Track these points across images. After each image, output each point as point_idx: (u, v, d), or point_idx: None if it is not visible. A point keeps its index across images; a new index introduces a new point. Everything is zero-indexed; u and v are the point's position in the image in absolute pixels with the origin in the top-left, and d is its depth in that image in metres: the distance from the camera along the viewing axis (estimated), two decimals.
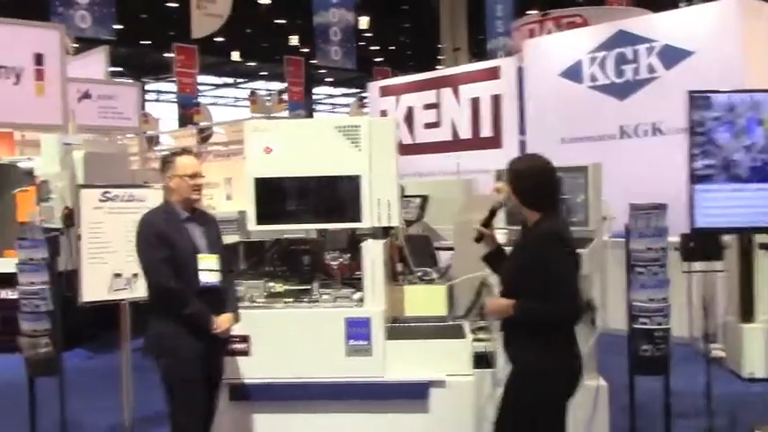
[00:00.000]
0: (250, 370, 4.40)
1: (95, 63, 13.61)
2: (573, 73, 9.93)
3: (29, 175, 8.43)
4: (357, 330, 4.31)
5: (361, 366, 4.33)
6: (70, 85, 10.62)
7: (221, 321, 4.00)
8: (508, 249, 3.63)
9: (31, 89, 9.82)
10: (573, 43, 10.16)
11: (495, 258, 3.59)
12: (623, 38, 9.44)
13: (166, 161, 4.17)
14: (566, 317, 3.22)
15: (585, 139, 9.66)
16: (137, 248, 4.04)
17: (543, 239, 3.22)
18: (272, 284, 4.82)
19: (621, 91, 9.44)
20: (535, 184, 3.33)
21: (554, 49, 10.43)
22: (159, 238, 3.96)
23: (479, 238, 3.58)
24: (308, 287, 4.72)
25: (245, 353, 4.39)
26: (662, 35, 9.06)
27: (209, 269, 4.02)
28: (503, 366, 3.98)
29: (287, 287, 4.81)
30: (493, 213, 3.58)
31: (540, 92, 10.38)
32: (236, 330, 4.23)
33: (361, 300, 4.45)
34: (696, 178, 4.90)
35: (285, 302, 4.56)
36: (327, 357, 4.34)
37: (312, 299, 4.58)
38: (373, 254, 4.39)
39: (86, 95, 12.24)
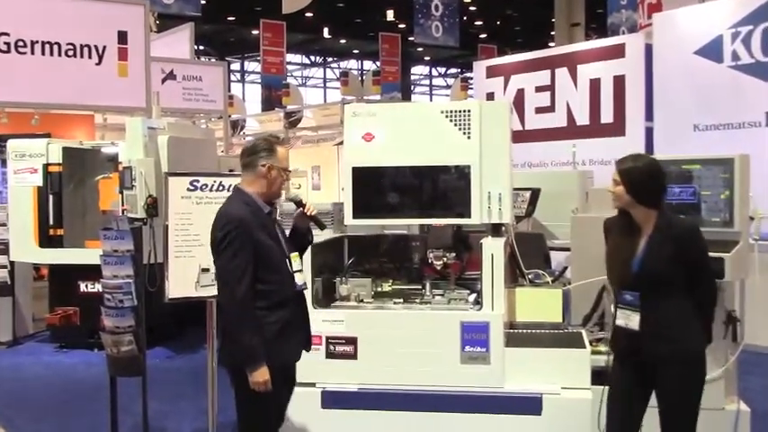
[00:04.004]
0: (354, 375, 4.42)
1: (179, 41, 14.01)
2: (710, 50, 9.59)
3: (111, 161, 8.74)
4: (474, 336, 4.29)
5: (479, 375, 4.29)
6: (153, 64, 10.95)
7: (260, 376, 3.79)
8: None
9: (114, 69, 10.20)
10: (711, 16, 9.81)
11: None
12: None
13: (265, 147, 4.03)
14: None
15: (724, 127, 9.34)
16: (218, 248, 3.86)
17: (697, 232, 3.82)
18: (378, 283, 4.85)
19: None
20: (655, 182, 3.80)
21: (688, 23, 10.09)
22: (249, 240, 3.82)
23: None
24: (418, 287, 4.74)
25: (351, 356, 4.41)
26: None
27: (300, 270, 4.01)
28: None
29: (395, 286, 4.84)
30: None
31: (671, 72, 10.07)
32: (344, 331, 4.29)
33: (477, 302, 4.43)
34: None
35: (395, 303, 4.58)
36: (441, 364, 4.33)
37: (424, 300, 4.59)
38: (493, 253, 4.35)
39: (171, 76, 12.65)
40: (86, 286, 8.71)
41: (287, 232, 4.19)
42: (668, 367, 3.74)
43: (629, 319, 3.78)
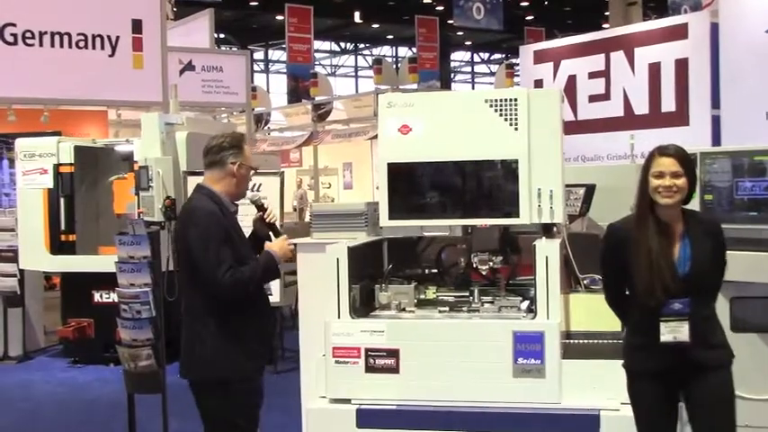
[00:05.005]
0: (395, 391, 4.40)
1: (198, 29, 14.13)
2: None
3: (126, 160, 8.83)
4: (528, 347, 4.25)
5: (533, 390, 4.26)
6: (170, 55, 11.06)
7: (280, 247, 4.32)
8: None
9: (128, 61, 10.32)
10: None
11: None
12: None
13: (234, 144, 4.28)
14: None
15: None
16: (198, 241, 4.10)
17: (720, 224, 3.91)
18: (421, 289, 4.84)
19: None
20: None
21: None
22: (226, 236, 4.11)
23: None
24: (465, 294, 4.72)
25: (393, 369, 4.40)
26: None
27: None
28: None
29: (439, 294, 4.83)
30: None
31: (740, 54, 9.95)
32: (385, 343, 4.29)
33: (530, 310, 4.41)
34: None
35: (440, 311, 4.57)
36: (491, 378, 4.30)
37: (472, 308, 4.57)
38: (548, 255, 4.32)
39: (189, 67, 12.76)
40: (101, 296, 8.82)
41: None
42: (715, 375, 3.73)
43: (677, 331, 3.68)
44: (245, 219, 4.51)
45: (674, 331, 3.68)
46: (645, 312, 3.76)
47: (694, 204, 4.41)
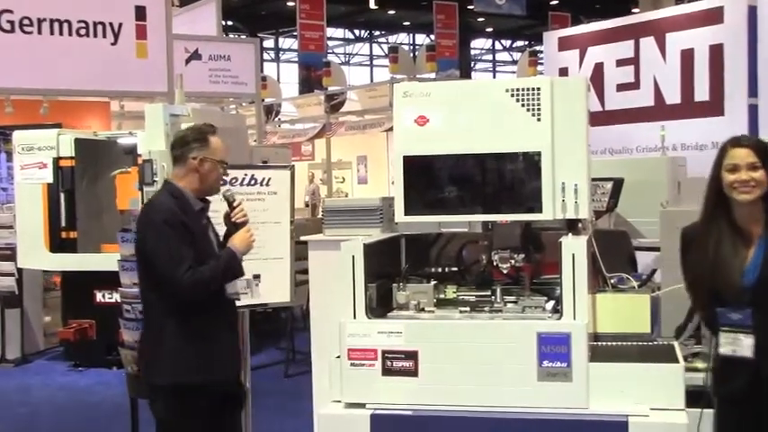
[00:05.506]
0: (413, 395, 4.41)
1: (205, 16, 14.15)
2: None
3: (129, 153, 8.88)
4: (553, 349, 4.23)
5: (559, 395, 4.26)
6: (176, 43, 11.09)
7: (241, 240, 4.33)
8: None
9: (132, 50, 10.35)
10: None
11: None
12: None
13: (197, 138, 4.32)
14: None
15: None
16: (153, 244, 4.16)
17: None
18: (441, 289, 4.84)
19: None
20: None
21: None
22: (185, 236, 4.13)
23: None
24: (487, 293, 4.72)
25: (412, 372, 4.41)
26: None
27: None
28: None
29: (460, 293, 4.83)
30: None
31: None
32: (403, 345, 4.31)
33: (556, 310, 4.41)
34: None
35: (461, 311, 4.58)
36: (514, 382, 4.30)
37: (494, 308, 4.58)
38: (575, 252, 4.31)
39: (195, 56, 12.80)
40: (103, 296, 8.87)
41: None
42: None
43: (737, 344, 3.60)
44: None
45: (733, 343, 3.60)
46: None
47: None
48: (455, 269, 5.04)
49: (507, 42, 47.40)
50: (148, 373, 4.35)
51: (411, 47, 41.41)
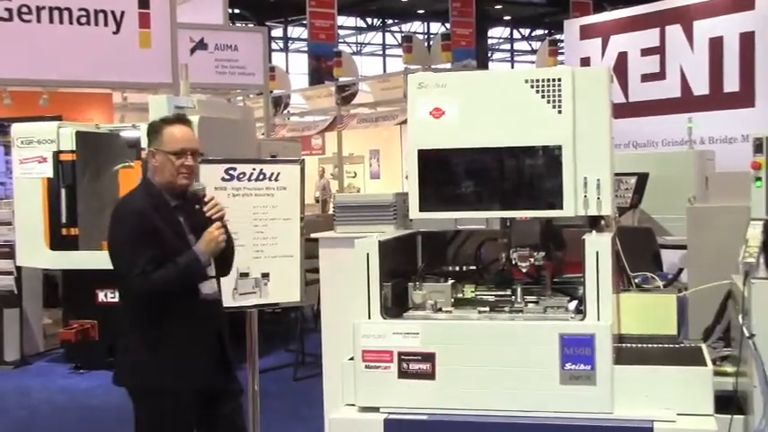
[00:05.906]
0: (430, 399, 4.42)
1: (211, 4, 14.19)
2: None
3: (133, 147, 8.90)
4: (577, 351, 4.23)
5: (582, 399, 4.26)
6: (181, 32, 11.11)
7: (207, 241, 4.24)
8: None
9: (135, 39, 10.38)
10: None
11: None
12: None
13: (150, 131, 4.32)
14: None
15: None
16: (116, 241, 4.21)
17: None
18: (459, 288, 4.85)
19: None
20: None
21: None
22: (150, 235, 4.13)
23: None
24: (506, 292, 4.72)
25: (429, 375, 4.41)
26: None
27: (210, 276, 4.35)
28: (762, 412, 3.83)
29: (478, 292, 4.83)
30: None
31: None
32: (419, 346, 4.31)
33: (579, 311, 4.40)
34: None
35: (480, 312, 4.58)
36: (536, 385, 4.30)
37: (514, 308, 4.57)
38: (599, 250, 4.31)
39: (201, 45, 12.82)
40: (105, 295, 8.90)
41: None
42: None
43: None
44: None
45: None
46: None
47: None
48: (473, 268, 5.04)
49: (526, 31, 47.27)
50: (117, 374, 4.43)
51: (425, 36, 41.39)
